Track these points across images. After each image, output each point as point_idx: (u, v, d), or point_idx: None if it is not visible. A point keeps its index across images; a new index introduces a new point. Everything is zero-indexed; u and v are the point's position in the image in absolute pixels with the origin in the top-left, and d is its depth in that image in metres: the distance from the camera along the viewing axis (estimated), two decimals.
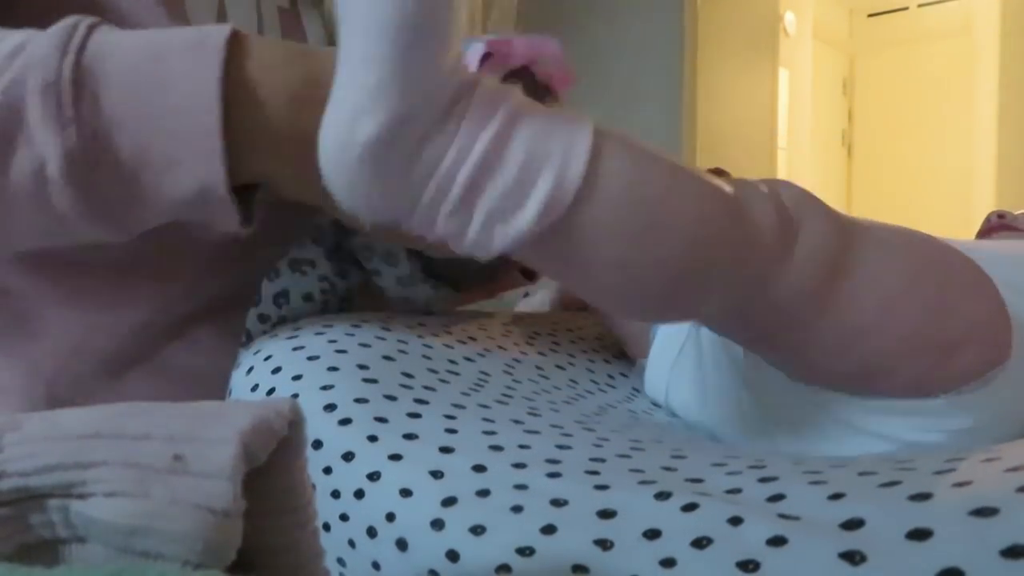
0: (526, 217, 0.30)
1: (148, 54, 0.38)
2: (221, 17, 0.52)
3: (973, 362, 0.35)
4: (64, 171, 0.37)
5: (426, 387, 0.38)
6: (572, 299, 0.72)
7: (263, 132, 0.38)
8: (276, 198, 0.42)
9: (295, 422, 0.20)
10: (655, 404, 0.49)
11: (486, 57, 0.42)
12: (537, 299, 0.77)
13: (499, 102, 0.31)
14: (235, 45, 0.38)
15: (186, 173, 0.38)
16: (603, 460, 0.31)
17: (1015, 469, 0.24)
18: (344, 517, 0.32)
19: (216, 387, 0.46)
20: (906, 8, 4.41)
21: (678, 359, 0.47)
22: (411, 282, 0.49)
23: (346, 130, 0.30)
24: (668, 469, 0.30)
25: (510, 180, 0.30)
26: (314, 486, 0.34)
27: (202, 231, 0.48)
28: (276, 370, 0.40)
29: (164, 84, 0.37)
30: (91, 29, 0.38)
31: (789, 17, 3.87)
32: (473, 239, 0.31)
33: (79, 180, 0.37)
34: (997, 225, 0.64)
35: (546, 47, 0.43)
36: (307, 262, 0.50)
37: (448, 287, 0.52)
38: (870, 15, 4.54)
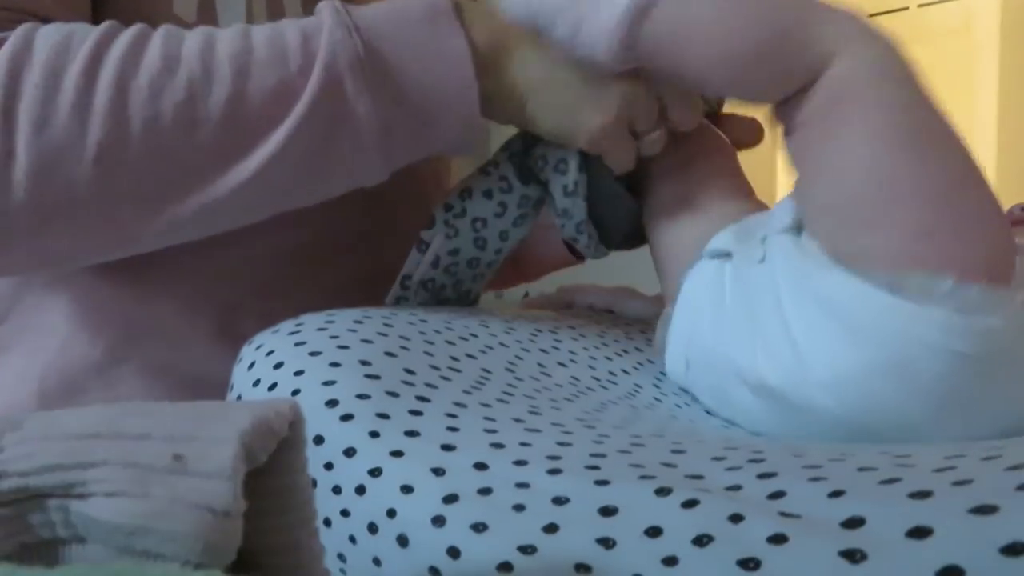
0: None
1: (398, 25, 0.46)
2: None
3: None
4: (377, 140, 0.45)
5: (428, 384, 0.38)
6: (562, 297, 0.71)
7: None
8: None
9: (295, 422, 0.20)
10: (662, 373, 0.49)
11: None
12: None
13: None
14: (458, 11, 0.47)
15: (456, 117, 0.46)
16: (603, 456, 0.31)
17: (1015, 467, 0.24)
18: (345, 513, 0.32)
19: (210, 385, 0.46)
20: (906, 8, 4.40)
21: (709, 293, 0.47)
22: (576, 191, 0.52)
23: None
24: (668, 465, 0.30)
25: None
26: (315, 482, 0.34)
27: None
28: (278, 365, 0.40)
29: (428, 50, 0.45)
30: (347, 10, 0.45)
31: None
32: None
33: (383, 142, 0.45)
34: (1020, 218, 0.63)
35: None
36: (492, 163, 0.54)
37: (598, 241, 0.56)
38: (870, 15, 4.52)
